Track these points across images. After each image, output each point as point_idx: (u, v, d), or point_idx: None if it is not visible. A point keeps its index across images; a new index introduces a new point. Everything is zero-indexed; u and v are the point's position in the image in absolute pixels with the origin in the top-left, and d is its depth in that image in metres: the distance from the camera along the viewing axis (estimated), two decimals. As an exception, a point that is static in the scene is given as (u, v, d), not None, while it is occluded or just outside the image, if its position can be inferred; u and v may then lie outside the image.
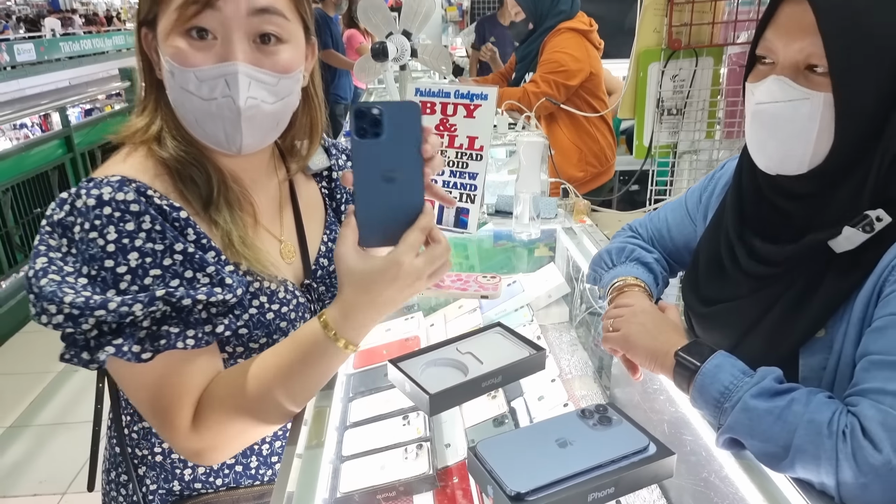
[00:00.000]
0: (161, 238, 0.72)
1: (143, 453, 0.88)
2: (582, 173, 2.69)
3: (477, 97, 1.34)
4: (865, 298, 0.74)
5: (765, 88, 0.77)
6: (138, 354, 0.69)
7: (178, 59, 0.71)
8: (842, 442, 0.65)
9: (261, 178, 0.87)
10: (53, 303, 0.66)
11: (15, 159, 3.90)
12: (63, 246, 0.72)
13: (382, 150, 0.64)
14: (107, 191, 0.70)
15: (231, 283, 0.74)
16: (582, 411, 0.68)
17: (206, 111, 0.73)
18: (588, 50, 2.58)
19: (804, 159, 0.76)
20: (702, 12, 1.80)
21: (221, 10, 0.70)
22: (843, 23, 0.70)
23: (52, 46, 16.65)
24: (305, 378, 0.74)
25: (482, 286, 1.09)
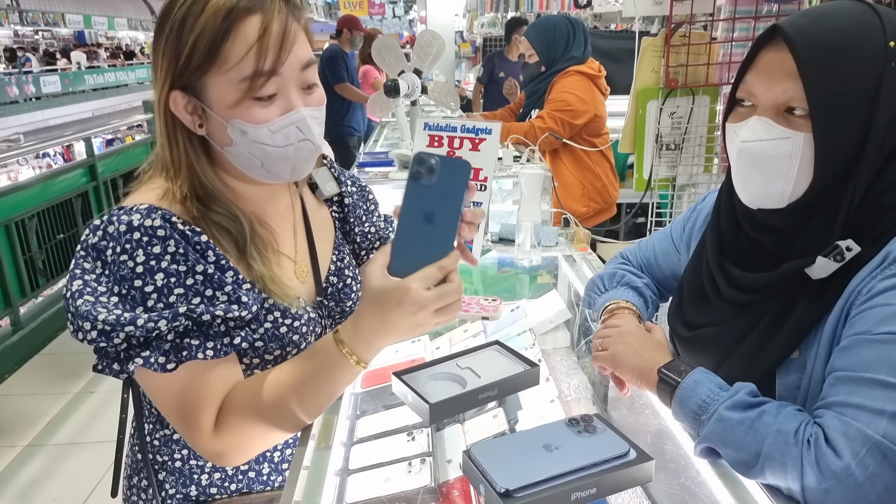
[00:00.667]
0: (184, 260, 0.79)
1: (163, 459, 0.94)
2: (585, 208, 2.79)
3: (482, 132, 1.42)
4: (834, 321, 0.79)
5: (748, 128, 0.82)
6: (164, 365, 0.77)
7: (252, 120, 0.79)
8: (806, 450, 0.70)
9: (279, 201, 0.96)
10: (88, 320, 0.74)
11: (41, 187, 4.04)
12: (97, 268, 0.79)
13: (430, 194, 0.73)
14: (136, 217, 0.78)
15: (247, 300, 0.82)
16: (569, 420, 0.74)
17: (279, 156, 0.82)
18: (594, 93, 2.71)
19: (784, 194, 0.81)
20: (697, 54, 1.89)
21: (282, 75, 0.79)
22: (822, 69, 0.76)
23: (76, 79, 17.17)
24: (317, 390, 0.81)
25: (483, 308, 1.16)
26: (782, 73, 0.79)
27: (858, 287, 0.77)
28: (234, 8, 0.76)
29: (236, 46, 0.76)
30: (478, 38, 8.14)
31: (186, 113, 0.81)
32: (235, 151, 0.82)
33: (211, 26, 0.76)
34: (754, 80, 0.82)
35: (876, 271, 0.76)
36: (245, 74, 0.77)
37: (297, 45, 0.80)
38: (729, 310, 0.90)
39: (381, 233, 1.16)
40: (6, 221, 3.60)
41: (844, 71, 0.76)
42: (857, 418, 0.70)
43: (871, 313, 0.74)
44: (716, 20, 1.93)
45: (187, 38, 0.77)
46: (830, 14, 0.80)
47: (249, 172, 0.85)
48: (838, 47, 0.76)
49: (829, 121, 0.76)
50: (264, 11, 0.77)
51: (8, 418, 3.02)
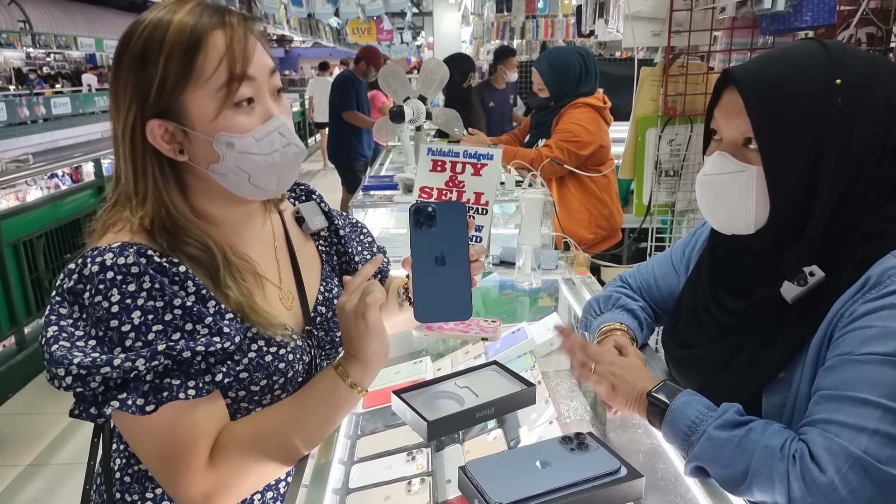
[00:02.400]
0: (161, 295, 0.77)
1: (132, 498, 0.90)
2: (592, 235, 2.83)
3: (484, 157, 1.46)
4: (818, 343, 0.82)
5: (710, 162, 0.90)
6: (142, 407, 0.74)
7: (237, 129, 0.81)
8: (792, 465, 0.73)
9: (254, 223, 0.96)
10: (62, 365, 0.72)
11: (49, 207, 4.10)
12: (74, 312, 0.77)
13: (435, 239, 0.78)
14: (109, 257, 0.77)
15: (228, 331, 0.80)
16: (563, 438, 0.77)
17: (267, 164, 0.83)
18: (600, 125, 2.77)
19: (749, 222, 0.87)
20: (695, 83, 1.94)
21: (255, 78, 0.82)
22: (765, 106, 0.82)
23: (87, 100, 17.42)
24: (318, 419, 0.84)
25: (483, 329, 1.18)
26: (736, 111, 0.85)
27: (841, 310, 0.81)
28: (198, 24, 0.79)
29: (209, 59, 0.78)
30: (484, 64, 8.27)
31: (164, 142, 0.81)
32: (222, 168, 0.82)
33: (179, 45, 0.78)
34: (718, 116, 0.89)
35: (857, 295, 0.80)
36: (221, 82, 0.79)
37: (260, 52, 0.83)
38: (719, 330, 0.93)
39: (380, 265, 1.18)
40: (14, 241, 3.65)
41: (785, 106, 0.82)
42: (840, 435, 0.73)
43: (854, 335, 0.77)
44: (713, 51, 1.98)
45: (156, 61, 0.78)
46: (781, 57, 0.87)
47: (236, 190, 0.85)
48: (779, 84, 0.83)
49: (776, 153, 0.82)
50: (226, 26, 0.81)
51: (10, 437, 3.03)
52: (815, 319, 0.83)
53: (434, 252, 0.78)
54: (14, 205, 4.73)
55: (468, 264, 0.79)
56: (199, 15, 0.80)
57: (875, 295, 0.78)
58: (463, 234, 0.78)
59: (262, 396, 0.88)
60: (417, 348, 1.60)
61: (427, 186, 1.49)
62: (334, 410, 0.85)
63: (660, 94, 1.96)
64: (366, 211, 2.30)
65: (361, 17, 8.87)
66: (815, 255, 0.83)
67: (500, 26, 7.27)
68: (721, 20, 1.92)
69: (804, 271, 0.82)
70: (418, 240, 0.78)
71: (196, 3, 0.82)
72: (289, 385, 0.90)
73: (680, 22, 1.94)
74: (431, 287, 0.78)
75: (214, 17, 0.81)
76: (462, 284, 0.79)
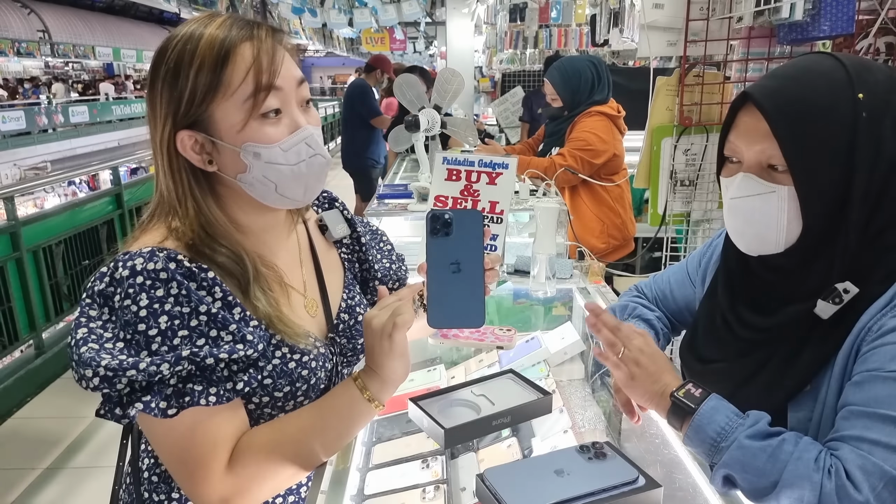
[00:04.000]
0: (187, 301, 0.79)
1: (160, 498, 0.92)
2: (604, 245, 2.83)
3: (499, 166, 1.47)
4: (845, 357, 0.82)
5: (736, 185, 0.87)
6: (164, 410, 0.76)
7: (264, 139, 0.82)
8: (827, 478, 0.72)
9: (280, 231, 0.97)
10: (90, 367, 0.74)
11: (68, 214, 4.17)
12: (104, 314, 0.79)
13: (451, 246, 0.79)
14: (139, 262, 0.79)
15: (252, 339, 0.81)
16: (580, 447, 0.77)
17: (293, 175, 0.85)
18: (614, 133, 2.77)
19: (779, 241, 0.85)
20: (711, 93, 1.94)
21: (282, 89, 0.84)
22: (793, 128, 0.81)
23: (104, 109, 17.67)
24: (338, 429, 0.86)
25: (498, 337, 1.19)
26: (759, 135, 0.83)
27: (869, 324, 0.80)
28: (228, 38, 0.81)
29: (236, 71, 0.80)
30: (497, 73, 8.29)
31: (194, 153, 0.83)
32: (249, 178, 0.84)
33: (209, 57, 0.80)
34: (736, 140, 0.87)
35: (885, 309, 0.79)
36: (248, 93, 0.81)
37: (288, 63, 0.85)
38: (741, 346, 0.93)
39: (398, 273, 1.18)
40: (34, 248, 3.71)
41: (815, 128, 0.80)
42: (874, 453, 0.72)
43: (883, 351, 0.77)
44: (729, 61, 1.98)
45: (187, 73, 0.80)
46: (798, 74, 0.84)
47: (263, 199, 0.86)
48: (807, 107, 0.81)
49: (809, 175, 0.81)
50: (254, 38, 0.82)
51: (29, 441, 3.06)
52: (840, 333, 0.82)
53: (449, 259, 0.78)
54: (34, 212, 4.81)
55: (483, 272, 0.79)
56: (229, 28, 0.82)
57: None
58: (479, 242, 0.79)
59: (284, 402, 0.89)
60: (431, 356, 1.60)
61: (442, 195, 1.50)
62: (351, 423, 0.87)
63: (675, 104, 1.96)
64: (380, 219, 2.32)
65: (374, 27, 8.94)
66: (843, 268, 0.82)
67: (513, 36, 7.30)
68: (738, 29, 1.91)
69: (837, 289, 0.81)
70: (434, 247, 0.79)
71: (227, 16, 0.85)
72: (311, 392, 0.91)
73: (696, 31, 1.94)
74: (446, 294, 0.79)
75: (244, 30, 0.83)
76: (476, 292, 0.79)
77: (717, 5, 1.90)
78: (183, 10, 7.69)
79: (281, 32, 0.87)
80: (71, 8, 19.98)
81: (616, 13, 3.83)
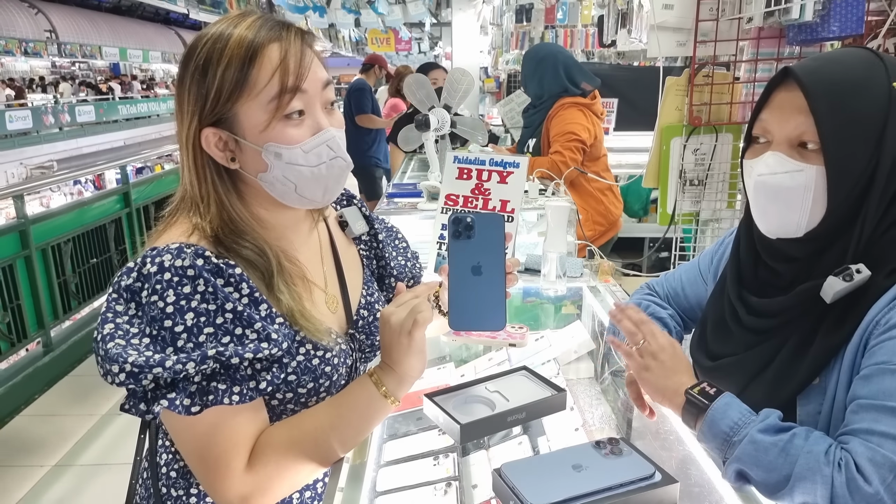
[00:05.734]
0: (214, 299, 0.80)
1: (178, 493, 0.92)
2: (591, 232, 2.88)
3: (510, 165, 1.48)
4: (853, 349, 0.83)
5: (764, 162, 0.87)
6: (188, 408, 0.77)
7: (285, 140, 0.83)
8: (837, 472, 0.73)
9: (302, 229, 0.98)
10: (117, 363, 0.74)
11: (77, 213, 4.19)
12: (131, 309, 0.80)
13: (473, 249, 0.80)
14: (167, 258, 0.79)
15: (276, 337, 0.82)
16: (597, 442, 0.77)
17: (313, 176, 0.86)
18: (593, 119, 2.83)
19: (801, 223, 0.86)
20: (720, 93, 1.94)
21: (307, 91, 0.84)
22: (831, 105, 0.82)
23: (110, 109, 17.74)
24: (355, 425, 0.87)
25: (510, 335, 1.20)
26: (794, 110, 0.84)
27: (876, 318, 0.81)
28: (256, 38, 0.82)
29: (262, 71, 0.81)
30: (502, 73, 8.30)
31: (218, 150, 0.84)
32: (270, 177, 0.85)
33: (237, 56, 0.81)
34: (769, 118, 0.88)
35: (893, 303, 0.80)
36: (273, 94, 0.81)
37: (315, 65, 0.86)
38: (750, 339, 0.93)
39: (413, 270, 1.19)
40: (43, 245, 3.73)
41: (852, 108, 0.81)
42: (884, 445, 0.73)
43: (891, 344, 0.78)
44: (739, 61, 1.98)
45: (215, 71, 0.81)
46: (838, 58, 0.87)
47: (283, 199, 0.87)
48: (846, 86, 0.82)
49: (840, 154, 0.82)
50: (282, 40, 0.83)
51: (37, 438, 3.08)
52: (848, 326, 0.83)
53: (471, 262, 0.79)
54: (42, 210, 4.83)
55: (504, 276, 0.80)
56: (258, 28, 0.83)
57: None
58: (500, 245, 0.80)
59: (307, 398, 0.90)
60: (441, 354, 1.61)
61: (453, 194, 1.50)
62: (368, 419, 0.87)
63: (685, 104, 1.97)
64: (390, 218, 2.32)
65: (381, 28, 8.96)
66: (856, 257, 0.83)
67: (519, 36, 7.30)
68: (747, 30, 1.91)
69: (850, 267, 0.82)
70: (456, 249, 0.80)
71: (257, 17, 0.86)
72: (332, 388, 0.92)
73: (706, 32, 1.94)
74: (467, 296, 0.80)
75: (273, 30, 0.83)
76: (497, 295, 0.80)
77: (726, 6, 1.91)
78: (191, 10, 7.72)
79: (310, 35, 0.88)
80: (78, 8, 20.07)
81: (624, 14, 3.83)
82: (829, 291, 0.83)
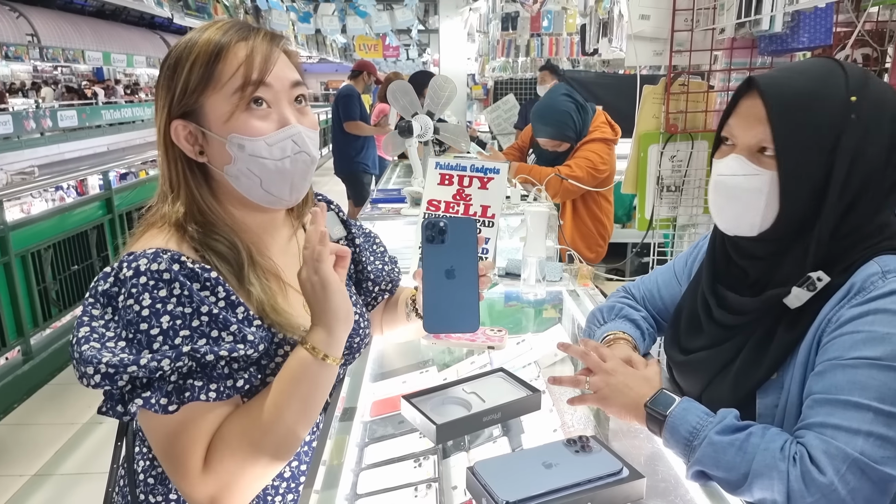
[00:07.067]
0: (189, 302, 0.80)
1: (156, 500, 0.93)
2: (593, 255, 3.09)
3: (490, 171, 1.50)
4: (808, 346, 0.87)
5: (725, 164, 0.92)
6: (165, 406, 0.77)
7: (248, 132, 0.85)
8: (792, 466, 0.76)
9: (280, 233, 0.99)
10: (91, 364, 0.75)
11: (58, 219, 4.14)
12: (107, 313, 0.80)
13: (446, 253, 0.82)
14: (143, 262, 0.80)
15: (252, 339, 0.82)
16: (567, 440, 0.80)
17: (277, 170, 0.86)
18: (612, 156, 2.97)
19: (755, 223, 0.90)
20: (696, 101, 1.99)
21: (272, 86, 0.86)
22: (787, 115, 0.86)
23: (93, 113, 17.56)
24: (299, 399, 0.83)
25: (489, 338, 1.22)
26: (755, 119, 0.89)
27: (828, 315, 0.85)
28: (224, 38, 0.85)
29: (228, 66, 0.84)
30: (489, 80, 8.36)
31: (187, 143, 0.87)
32: (234, 170, 0.86)
33: (204, 52, 0.84)
34: (734, 124, 0.92)
35: (843, 301, 0.84)
36: (237, 85, 0.84)
37: (283, 64, 0.88)
38: (718, 334, 0.97)
39: (391, 275, 1.21)
40: (23, 252, 3.69)
41: (807, 118, 0.85)
42: (837, 437, 0.76)
43: (842, 340, 0.81)
44: (713, 70, 2.03)
45: (183, 67, 0.84)
46: (802, 69, 0.91)
47: (249, 194, 0.88)
48: (803, 97, 0.86)
49: (793, 161, 0.86)
50: (249, 39, 0.86)
51: (16, 447, 3.05)
52: (804, 323, 0.87)
53: (444, 266, 0.82)
54: (23, 216, 4.78)
55: (477, 279, 0.82)
56: (226, 31, 0.86)
57: (860, 300, 0.82)
58: (472, 249, 0.82)
59: None
60: (424, 358, 1.62)
61: (435, 199, 1.52)
62: (310, 386, 0.84)
63: (661, 112, 2.01)
64: (374, 223, 2.34)
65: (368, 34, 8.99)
66: (816, 259, 0.86)
67: (505, 44, 7.37)
68: (721, 40, 1.96)
69: (811, 277, 0.85)
70: (429, 253, 0.82)
71: (229, 22, 0.89)
72: None
73: (681, 42, 1.98)
74: (441, 299, 0.82)
75: (241, 32, 0.87)
76: (470, 298, 0.82)
77: (700, 17, 1.95)
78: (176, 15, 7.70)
79: (280, 37, 0.90)
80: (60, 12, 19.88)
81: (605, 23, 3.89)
82: (795, 301, 0.87)
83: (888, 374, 0.77)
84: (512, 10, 6.62)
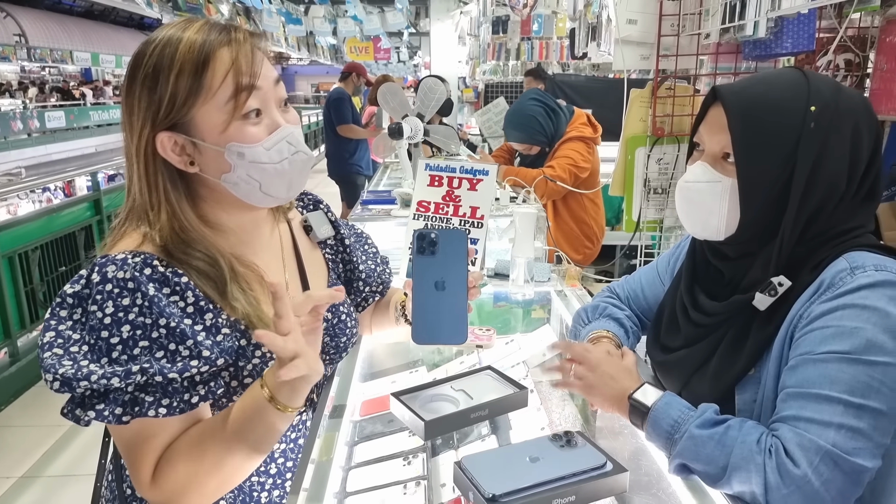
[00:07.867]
0: (150, 313, 0.79)
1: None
2: (580, 256, 3.07)
3: (479, 173, 1.52)
4: (781, 342, 0.89)
5: (691, 170, 0.96)
6: (119, 417, 0.77)
7: (246, 139, 0.84)
8: (768, 458, 0.78)
9: (262, 231, 0.98)
10: (50, 372, 0.76)
11: (45, 220, 4.11)
12: (76, 314, 0.80)
13: (435, 265, 0.83)
14: (111, 269, 0.80)
15: (209, 355, 0.81)
16: (553, 435, 0.81)
17: (276, 173, 0.86)
18: (594, 153, 2.98)
19: (720, 228, 0.93)
20: (682, 105, 2.02)
21: (262, 88, 0.86)
22: (746, 124, 0.89)
23: (81, 114, 17.42)
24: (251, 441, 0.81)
25: (478, 337, 1.23)
26: (719, 126, 0.92)
27: (799, 311, 0.87)
28: (206, 42, 0.82)
29: (216, 74, 0.82)
30: (480, 83, 8.39)
31: (175, 155, 0.84)
32: (234, 178, 0.85)
33: (189, 61, 0.81)
34: (703, 131, 0.96)
35: (813, 297, 0.87)
36: (228, 94, 0.82)
37: (266, 63, 0.87)
38: (695, 333, 1.00)
39: (382, 276, 1.21)
40: (10, 253, 3.66)
41: (765, 127, 0.88)
42: (809, 430, 0.78)
43: (812, 335, 0.84)
44: (698, 75, 2.06)
45: (167, 77, 0.81)
46: (766, 79, 0.94)
47: (248, 199, 0.87)
48: (763, 107, 0.89)
49: (751, 167, 0.89)
50: (232, 42, 0.84)
51: (3, 449, 3.02)
52: (777, 320, 0.89)
53: (434, 277, 0.82)
54: (9, 217, 4.75)
55: (466, 291, 0.83)
56: (207, 32, 0.84)
57: (829, 296, 0.84)
58: (463, 261, 0.83)
59: None
60: (413, 358, 1.64)
61: (424, 200, 1.53)
62: (264, 432, 0.81)
63: (648, 115, 2.04)
64: (364, 224, 2.34)
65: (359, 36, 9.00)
66: (780, 263, 0.89)
67: (495, 47, 7.40)
68: (706, 45, 1.99)
69: (773, 282, 0.88)
70: (420, 265, 0.82)
71: (204, 21, 0.87)
72: None
73: (668, 46, 2.01)
74: (430, 310, 0.83)
75: (222, 34, 0.85)
76: (459, 309, 0.83)
77: (686, 22, 1.98)
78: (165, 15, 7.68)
79: (257, 35, 0.89)
80: (48, 12, 19.72)
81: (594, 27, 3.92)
82: (761, 305, 0.90)
83: (857, 368, 0.79)
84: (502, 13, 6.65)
